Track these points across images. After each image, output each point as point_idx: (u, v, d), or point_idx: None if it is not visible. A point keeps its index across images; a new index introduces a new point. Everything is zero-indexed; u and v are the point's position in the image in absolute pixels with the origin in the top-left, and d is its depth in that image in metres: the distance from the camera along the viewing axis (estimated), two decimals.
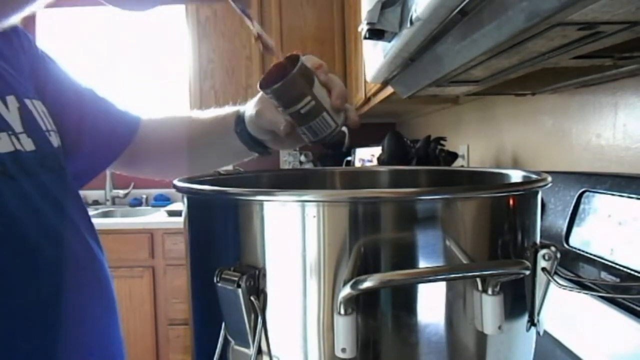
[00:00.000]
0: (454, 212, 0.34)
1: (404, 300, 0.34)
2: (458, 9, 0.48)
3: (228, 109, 0.69)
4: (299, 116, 0.53)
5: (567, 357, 0.63)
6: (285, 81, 0.50)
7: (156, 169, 0.78)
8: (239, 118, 0.66)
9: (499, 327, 0.33)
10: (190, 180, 0.44)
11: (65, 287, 0.50)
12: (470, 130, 1.68)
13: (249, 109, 0.64)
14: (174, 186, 0.42)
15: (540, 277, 0.38)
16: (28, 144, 0.51)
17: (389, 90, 1.30)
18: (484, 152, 1.55)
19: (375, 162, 2.09)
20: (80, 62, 2.83)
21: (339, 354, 0.32)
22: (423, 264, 0.33)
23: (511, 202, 0.37)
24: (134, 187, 2.80)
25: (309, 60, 0.54)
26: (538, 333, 0.40)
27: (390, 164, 1.61)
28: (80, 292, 0.52)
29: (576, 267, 0.67)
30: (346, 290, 0.30)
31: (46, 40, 2.82)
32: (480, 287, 0.33)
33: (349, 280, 0.31)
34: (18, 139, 0.50)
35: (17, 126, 0.50)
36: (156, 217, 2.41)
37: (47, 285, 0.48)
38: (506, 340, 0.37)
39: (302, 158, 2.82)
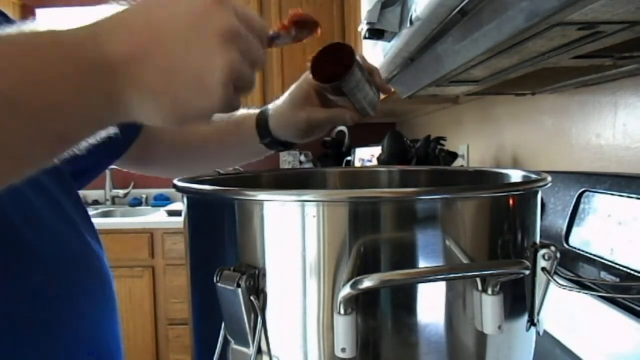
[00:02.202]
0: (454, 212, 0.34)
1: (404, 300, 0.34)
2: (458, 9, 0.48)
3: (242, 113, 0.68)
4: (364, 85, 0.55)
5: (567, 357, 0.63)
6: (356, 62, 0.53)
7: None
8: (263, 128, 0.65)
9: (499, 327, 0.33)
10: (190, 180, 0.44)
11: (64, 284, 0.49)
12: (470, 130, 1.68)
13: (280, 119, 0.63)
14: (174, 186, 0.42)
15: (540, 277, 0.38)
16: None
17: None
18: (484, 152, 1.55)
19: (375, 162, 2.09)
20: None
21: (339, 354, 0.32)
22: (423, 264, 0.33)
23: (511, 202, 0.37)
24: (134, 187, 2.80)
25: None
26: (538, 333, 0.40)
27: (390, 164, 1.61)
28: (79, 289, 0.52)
29: (576, 267, 0.67)
30: (346, 290, 0.30)
31: None
32: (480, 287, 0.33)
33: (349, 280, 0.31)
34: None
35: None
36: (156, 217, 2.41)
37: (44, 282, 0.48)
38: (506, 340, 0.37)
39: (302, 158, 2.82)
